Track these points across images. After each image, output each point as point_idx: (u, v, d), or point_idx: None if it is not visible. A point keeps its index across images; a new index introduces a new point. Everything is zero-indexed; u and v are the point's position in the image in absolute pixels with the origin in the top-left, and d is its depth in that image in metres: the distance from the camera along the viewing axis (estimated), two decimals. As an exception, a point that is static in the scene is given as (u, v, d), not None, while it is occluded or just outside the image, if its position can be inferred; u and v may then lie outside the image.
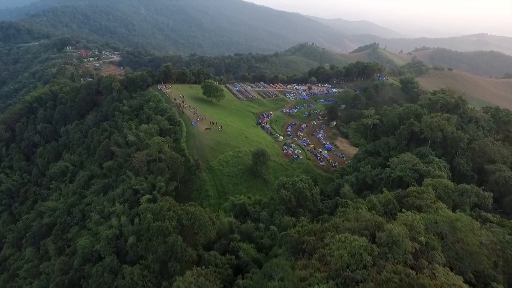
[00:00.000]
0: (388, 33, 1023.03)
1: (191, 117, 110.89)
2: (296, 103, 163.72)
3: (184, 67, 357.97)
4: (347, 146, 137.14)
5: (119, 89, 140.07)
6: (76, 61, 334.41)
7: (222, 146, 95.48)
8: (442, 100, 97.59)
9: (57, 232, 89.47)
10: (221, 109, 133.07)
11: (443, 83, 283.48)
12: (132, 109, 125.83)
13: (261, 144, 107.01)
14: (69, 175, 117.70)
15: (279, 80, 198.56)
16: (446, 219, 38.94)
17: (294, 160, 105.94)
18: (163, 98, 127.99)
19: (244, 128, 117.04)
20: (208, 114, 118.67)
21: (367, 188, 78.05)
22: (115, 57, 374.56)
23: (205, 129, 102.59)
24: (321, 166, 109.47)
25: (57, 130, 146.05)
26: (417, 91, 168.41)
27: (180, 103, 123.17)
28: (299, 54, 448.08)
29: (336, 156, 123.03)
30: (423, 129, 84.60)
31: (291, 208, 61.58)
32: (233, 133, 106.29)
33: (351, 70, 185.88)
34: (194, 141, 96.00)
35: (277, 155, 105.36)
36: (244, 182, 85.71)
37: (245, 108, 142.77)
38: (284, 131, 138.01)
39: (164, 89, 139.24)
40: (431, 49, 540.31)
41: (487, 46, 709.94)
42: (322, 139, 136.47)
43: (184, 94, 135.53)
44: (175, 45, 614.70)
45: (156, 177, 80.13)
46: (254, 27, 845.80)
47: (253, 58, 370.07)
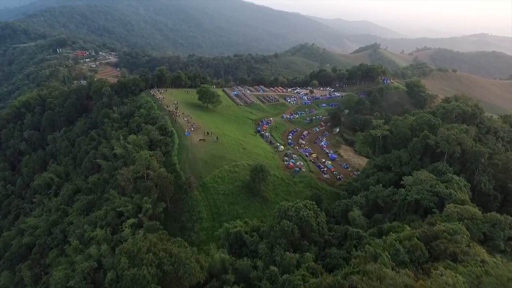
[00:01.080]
0: (388, 33, 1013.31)
1: (185, 126, 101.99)
2: (297, 108, 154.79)
3: (183, 68, 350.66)
4: (351, 155, 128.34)
5: (110, 94, 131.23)
6: (71, 62, 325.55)
7: (217, 159, 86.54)
8: (458, 109, 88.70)
9: (35, 255, 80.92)
10: (217, 116, 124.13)
11: (448, 85, 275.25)
12: (123, 117, 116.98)
13: (260, 156, 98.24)
14: (54, 188, 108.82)
15: (279, 83, 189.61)
16: (497, 279, 30.10)
17: (296, 173, 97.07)
18: (156, 105, 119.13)
19: (241, 137, 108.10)
20: (203, 123, 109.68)
21: (379, 210, 69.26)
22: (112, 58, 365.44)
23: (199, 140, 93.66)
24: (324, 179, 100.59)
25: (44, 137, 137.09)
26: (424, 95, 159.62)
27: (173, 110, 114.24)
28: (300, 55, 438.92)
29: (341, 167, 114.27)
30: (439, 142, 75.69)
31: (294, 241, 52.74)
32: (230, 144, 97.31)
33: (355, 73, 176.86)
34: (187, 154, 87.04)
35: (277, 167, 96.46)
36: (241, 201, 76.81)
37: (243, 114, 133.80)
38: (284, 139, 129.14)
39: (157, 94, 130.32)
40: (432, 50, 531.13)
41: (487, 46, 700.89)
42: (325, 148, 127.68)
43: (178, 100, 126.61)
44: (174, 45, 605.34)
45: (142, 197, 71.24)
46: (253, 27, 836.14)
47: (252, 59, 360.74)
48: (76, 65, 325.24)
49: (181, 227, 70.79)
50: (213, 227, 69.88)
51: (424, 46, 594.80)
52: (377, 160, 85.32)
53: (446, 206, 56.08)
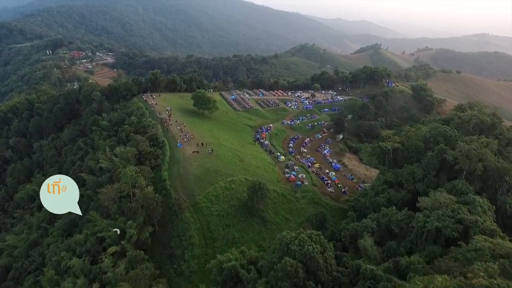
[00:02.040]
0: (388, 33, 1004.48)
1: (177, 136, 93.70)
2: (298, 113, 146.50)
3: (181, 69, 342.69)
4: (356, 164, 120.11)
5: (100, 99, 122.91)
6: (67, 63, 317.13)
7: (212, 174, 78.31)
8: (475, 119, 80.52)
9: (10, 282, 72.82)
10: (213, 123, 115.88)
11: (452, 87, 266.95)
12: (112, 124, 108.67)
13: (259, 169, 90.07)
14: (38, 201, 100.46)
15: (279, 86, 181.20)
16: None
17: (298, 187, 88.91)
18: (148, 112, 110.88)
19: (239, 147, 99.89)
20: (198, 131, 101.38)
21: (392, 236, 61.14)
22: (109, 58, 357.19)
23: (192, 153, 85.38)
24: (329, 193, 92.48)
25: (31, 144, 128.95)
26: (431, 100, 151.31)
27: (166, 117, 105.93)
28: (300, 55, 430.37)
29: (345, 178, 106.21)
30: (458, 158, 67.61)
31: (298, 283, 44.62)
32: (226, 155, 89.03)
33: (358, 76, 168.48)
34: (178, 169, 78.80)
35: (278, 181, 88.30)
36: (237, 223, 68.65)
37: (241, 121, 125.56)
38: (285, 147, 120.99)
39: (150, 100, 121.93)
40: (434, 50, 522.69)
41: (488, 46, 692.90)
42: (328, 156, 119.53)
43: (172, 106, 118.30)
44: (173, 46, 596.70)
45: (127, 221, 63.06)
46: (253, 27, 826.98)
47: (252, 59, 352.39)
48: (72, 66, 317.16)
49: (169, 255, 62.61)
50: (205, 255, 61.76)
51: (425, 46, 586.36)
52: (387, 175, 77.15)
53: (474, 238, 48.15)
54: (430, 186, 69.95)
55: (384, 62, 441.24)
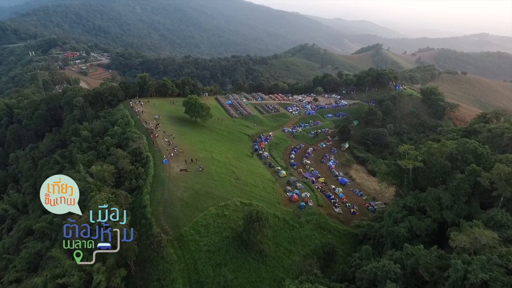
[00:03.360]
0: (388, 33, 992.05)
1: (164, 150, 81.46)
2: (300, 120, 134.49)
3: (177, 70, 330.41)
4: (364, 177, 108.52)
5: (83, 105, 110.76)
6: (60, 64, 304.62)
7: (201, 198, 66.31)
8: (509, 132, 68.55)
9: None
10: (207, 132, 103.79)
11: (458, 88, 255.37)
12: (94, 134, 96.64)
13: (257, 188, 78.15)
14: (8, 222, 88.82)
15: (279, 90, 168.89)
16: None
17: (302, 208, 77.00)
18: (133, 120, 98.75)
19: (235, 161, 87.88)
20: (188, 144, 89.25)
21: (419, 281, 49.30)
22: (104, 59, 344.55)
23: (179, 171, 73.32)
24: (336, 214, 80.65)
25: (8, 154, 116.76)
26: (443, 105, 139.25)
27: (153, 127, 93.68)
28: (300, 56, 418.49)
29: (354, 194, 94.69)
30: (495, 182, 55.75)
31: None
32: (219, 173, 77.03)
33: (363, 78, 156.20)
34: (162, 192, 66.70)
35: (279, 203, 76.38)
36: (230, 260, 56.64)
37: (238, 129, 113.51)
38: (286, 158, 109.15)
39: (137, 106, 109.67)
40: (436, 50, 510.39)
41: (489, 46, 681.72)
42: (334, 168, 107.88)
43: (161, 114, 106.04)
44: (172, 46, 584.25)
45: (94, 264, 50.97)
46: (252, 27, 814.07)
47: (251, 60, 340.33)
48: (66, 67, 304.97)
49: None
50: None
51: (426, 46, 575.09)
52: (407, 199, 65.18)
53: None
54: (461, 215, 58.15)
55: (386, 63, 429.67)
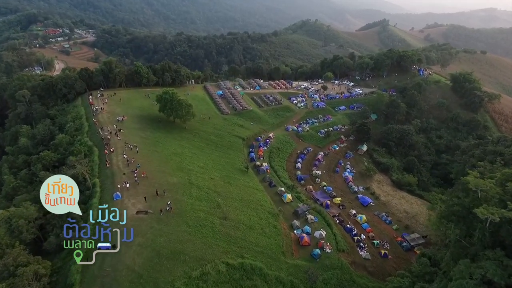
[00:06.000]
0: (392, 8, 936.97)
1: (119, 176, 55.73)
2: (307, 114, 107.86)
3: (169, 48, 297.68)
4: (390, 192, 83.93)
5: (29, 100, 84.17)
6: (40, 42, 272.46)
7: (165, 265, 41.72)
8: None
9: None
10: (187, 138, 77.49)
11: (478, 70, 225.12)
12: (36, 143, 70.87)
13: (254, 230, 53.52)
14: None
15: (281, 75, 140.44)
16: None
17: (316, 258, 52.99)
18: (88, 123, 72.44)
19: (222, 184, 62.63)
20: (158, 160, 63.30)
21: None
22: (90, 36, 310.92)
23: (136, 214, 48.00)
24: (363, 261, 56.57)
25: None
26: (480, 95, 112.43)
27: (110, 136, 67.17)
28: (301, 32, 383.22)
29: (380, 221, 70.53)
30: None
31: None
32: (197, 212, 51.94)
33: (382, 61, 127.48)
34: (103, 256, 41.63)
35: (283, 253, 51.92)
36: None
37: (230, 130, 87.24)
38: (291, 168, 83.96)
39: (98, 102, 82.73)
40: (445, 26, 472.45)
41: (496, 21, 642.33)
42: (351, 181, 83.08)
43: (127, 113, 79.17)
44: (166, 21, 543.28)
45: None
46: (251, 1, 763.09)
47: (249, 37, 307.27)
48: (46, 45, 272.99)
49: None
50: None
51: (434, 22, 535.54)
52: (488, 269, 40.60)
53: None
54: None
55: (393, 40, 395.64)
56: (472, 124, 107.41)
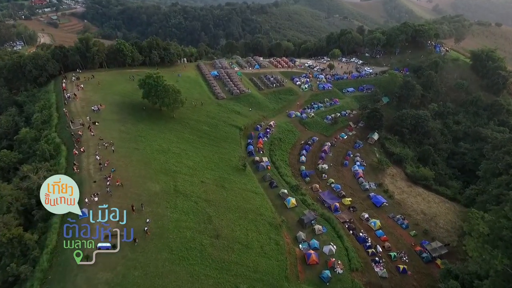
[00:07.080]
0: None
1: (88, 185, 45.56)
2: (312, 97, 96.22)
3: (163, 20, 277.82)
4: (405, 189, 74.56)
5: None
6: (26, 13, 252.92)
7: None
8: None
9: None
10: (175, 129, 66.56)
11: (492, 44, 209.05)
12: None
13: (251, 251, 44.29)
14: None
15: (282, 51, 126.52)
16: None
17: (325, 281, 44.32)
18: (58, 114, 61.34)
19: (215, 189, 52.70)
20: (137, 161, 52.78)
21: None
22: (79, 7, 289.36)
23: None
24: (379, 282, 48.21)
25: None
26: (505, 75, 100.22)
27: (81, 130, 56.14)
28: (303, 3, 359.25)
29: (395, 225, 62.20)
30: None
31: None
32: (182, 232, 42.30)
33: (395, 37, 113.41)
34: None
35: (287, 277, 42.98)
36: None
37: (224, 119, 76.10)
38: (294, 162, 73.99)
39: (72, 87, 70.78)
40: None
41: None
42: (362, 176, 73.48)
43: (105, 100, 67.55)
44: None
45: None
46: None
47: (248, 8, 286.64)
48: (33, 16, 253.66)
49: None
50: None
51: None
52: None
53: None
54: None
55: (400, 11, 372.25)
56: (494, 108, 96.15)
